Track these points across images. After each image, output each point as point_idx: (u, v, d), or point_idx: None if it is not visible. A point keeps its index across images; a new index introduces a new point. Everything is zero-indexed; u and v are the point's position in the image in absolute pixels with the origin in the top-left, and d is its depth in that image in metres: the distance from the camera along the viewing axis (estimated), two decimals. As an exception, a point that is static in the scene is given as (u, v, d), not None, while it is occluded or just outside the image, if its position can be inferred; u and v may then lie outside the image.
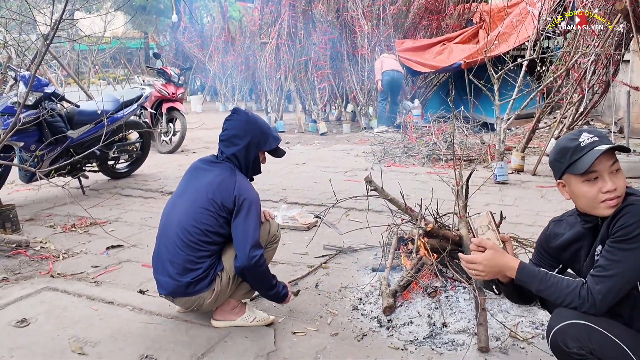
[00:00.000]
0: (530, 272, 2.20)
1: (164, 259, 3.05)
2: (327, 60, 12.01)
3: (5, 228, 4.98)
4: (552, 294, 2.14)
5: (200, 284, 2.97)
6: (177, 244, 2.99)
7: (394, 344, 2.97)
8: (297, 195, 6.28)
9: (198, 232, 2.96)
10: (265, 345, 3.00)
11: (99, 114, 6.21)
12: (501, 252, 2.25)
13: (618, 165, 2.11)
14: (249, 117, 3.18)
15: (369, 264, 4.10)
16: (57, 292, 3.73)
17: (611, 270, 2.04)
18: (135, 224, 5.40)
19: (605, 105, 8.96)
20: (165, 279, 3.03)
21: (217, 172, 3.10)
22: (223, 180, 3.04)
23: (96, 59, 16.13)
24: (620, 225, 2.04)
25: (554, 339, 2.11)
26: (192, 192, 3.09)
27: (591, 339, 2.03)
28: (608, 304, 2.05)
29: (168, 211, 3.18)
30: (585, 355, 2.04)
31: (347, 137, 10.92)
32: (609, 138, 2.15)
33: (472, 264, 2.26)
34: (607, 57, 6.88)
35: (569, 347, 2.06)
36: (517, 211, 5.37)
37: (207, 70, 17.25)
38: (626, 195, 2.12)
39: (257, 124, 3.18)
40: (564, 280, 2.14)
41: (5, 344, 3.02)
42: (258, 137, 3.15)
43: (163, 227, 3.16)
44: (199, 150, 9.81)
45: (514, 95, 7.27)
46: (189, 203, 3.05)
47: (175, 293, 3.01)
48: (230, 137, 3.15)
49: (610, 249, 2.06)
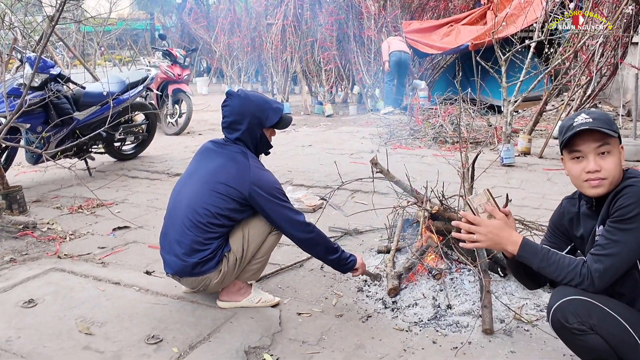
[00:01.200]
0: (532, 248, 2.21)
1: (172, 239, 3.05)
2: (333, 41, 11.94)
3: (12, 209, 5.00)
4: (553, 272, 2.16)
5: (207, 264, 2.98)
6: (185, 224, 2.98)
7: (398, 326, 2.99)
8: (303, 177, 6.29)
9: (208, 214, 2.94)
10: (271, 325, 3.02)
11: (105, 96, 6.20)
12: (509, 226, 2.25)
13: (608, 149, 2.12)
14: (242, 100, 3.09)
15: (374, 246, 4.11)
16: (64, 272, 3.76)
17: (609, 250, 2.06)
18: (141, 205, 5.42)
19: (613, 88, 8.88)
20: (172, 258, 3.03)
21: (229, 154, 3.07)
22: (236, 164, 3.01)
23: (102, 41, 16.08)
24: (619, 205, 2.06)
25: (554, 316, 2.12)
26: (203, 173, 3.06)
27: (591, 314, 2.05)
28: (606, 282, 2.08)
29: (177, 191, 3.17)
30: (586, 331, 2.06)
31: (353, 119, 10.89)
32: (611, 122, 2.15)
33: (474, 226, 2.22)
34: (616, 39, 6.81)
35: (569, 322, 2.07)
36: (523, 194, 5.36)
37: (213, 52, 17.18)
38: (627, 177, 2.13)
39: (252, 104, 3.09)
40: (565, 258, 2.16)
41: (12, 324, 3.05)
42: (257, 116, 3.08)
43: (172, 207, 3.15)
44: (205, 132, 9.82)
45: (522, 78, 7.21)
46: (199, 184, 3.03)
47: (182, 273, 3.03)
48: (229, 123, 3.11)
49: (609, 229, 2.09)
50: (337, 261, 3.12)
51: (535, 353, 2.70)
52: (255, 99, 3.14)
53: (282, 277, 3.65)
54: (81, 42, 16.30)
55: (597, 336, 2.06)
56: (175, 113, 9.54)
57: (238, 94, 3.13)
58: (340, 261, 3.12)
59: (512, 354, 2.69)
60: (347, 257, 3.15)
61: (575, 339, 2.10)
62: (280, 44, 12.27)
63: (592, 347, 2.08)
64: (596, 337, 2.06)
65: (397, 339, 2.86)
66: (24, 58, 5.81)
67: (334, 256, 3.10)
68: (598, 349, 2.07)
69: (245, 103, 3.08)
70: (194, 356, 2.71)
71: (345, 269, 3.18)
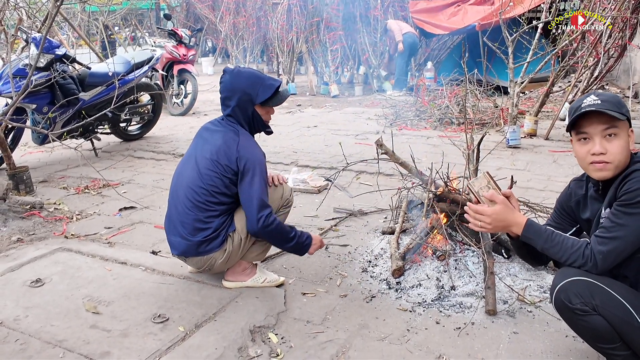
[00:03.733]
0: (536, 229, 2.23)
1: (175, 220, 3.09)
2: (339, 21, 11.85)
3: (19, 190, 5.04)
4: (557, 253, 2.18)
5: (212, 243, 3.01)
6: (185, 204, 3.02)
7: (402, 306, 3.01)
8: (308, 158, 6.29)
9: (205, 192, 2.98)
10: (276, 305, 3.04)
11: (111, 76, 6.21)
12: (511, 208, 2.28)
13: (615, 132, 2.11)
14: (233, 75, 3.08)
15: (379, 227, 4.12)
16: (71, 252, 3.79)
17: (614, 233, 2.07)
18: (147, 185, 5.44)
19: (620, 69, 8.81)
20: (177, 239, 3.07)
21: (221, 133, 3.08)
22: (226, 141, 3.02)
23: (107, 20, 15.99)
24: (626, 189, 2.06)
25: (557, 297, 2.14)
26: (199, 153, 3.09)
27: (594, 295, 2.07)
28: (609, 264, 2.09)
29: (178, 173, 3.21)
30: (589, 311, 2.08)
31: (359, 100, 10.85)
32: (621, 104, 2.14)
33: (479, 215, 2.28)
34: (624, 20, 6.74)
35: (572, 303, 2.09)
36: (529, 176, 5.35)
37: (219, 32, 17.07)
38: (635, 160, 2.13)
39: (242, 80, 3.07)
40: (569, 240, 2.18)
41: (20, 303, 3.09)
42: (246, 92, 3.05)
43: (173, 188, 3.19)
44: (211, 112, 9.81)
45: (529, 59, 7.14)
46: (195, 165, 3.07)
47: (187, 253, 3.06)
48: (222, 99, 3.13)
49: (615, 212, 2.09)
50: (294, 247, 3.13)
51: (537, 334, 2.71)
52: (247, 75, 3.11)
53: (287, 258, 3.67)
54: (86, 22, 16.23)
55: (599, 317, 2.08)
56: (180, 93, 9.53)
57: (231, 70, 3.13)
58: (298, 245, 3.13)
59: (515, 335, 2.71)
60: (304, 240, 3.14)
61: (577, 319, 2.12)
62: (286, 24, 12.18)
63: (594, 327, 2.10)
64: (599, 317, 2.08)
65: (401, 319, 2.89)
66: (30, 38, 5.80)
67: (291, 244, 3.10)
68: (600, 329, 2.09)
69: (236, 79, 3.07)
70: (200, 335, 2.74)
71: (303, 252, 3.20)
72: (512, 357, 2.55)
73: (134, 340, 2.70)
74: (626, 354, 2.14)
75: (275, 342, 2.71)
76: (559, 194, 2.55)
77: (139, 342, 2.69)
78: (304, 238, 3.14)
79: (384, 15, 11.64)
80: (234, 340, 2.70)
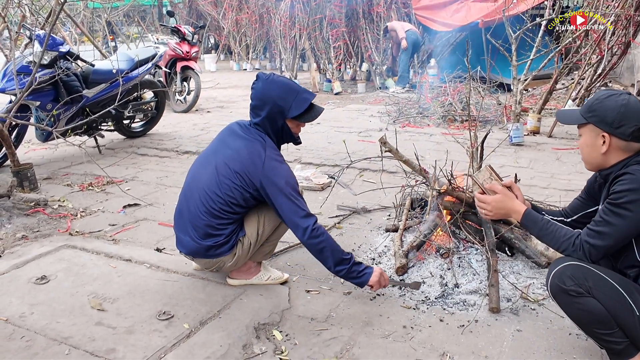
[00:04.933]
0: (533, 218, 2.40)
1: (186, 220, 3.04)
2: (342, 18, 11.84)
3: (23, 187, 5.05)
4: (550, 240, 2.35)
5: (222, 248, 2.99)
6: (199, 208, 2.96)
7: (406, 304, 3.02)
8: (311, 156, 6.29)
9: (221, 201, 2.91)
10: (280, 302, 3.06)
11: (114, 73, 6.22)
12: (510, 197, 2.49)
13: (581, 132, 2.36)
14: (265, 84, 2.90)
15: (382, 225, 4.13)
16: (76, 249, 3.81)
17: (601, 227, 2.20)
18: (151, 182, 5.45)
19: (624, 67, 8.81)
20: (186, 238, 3.04)
21: (247, 141, 2.94)
22: (251, 156, 2.88)
23: (110, 17, 15.98)
24: (613, 189, 2.20)
25: (552, 282, 2.26)
26: (220, 158, 2.97)
27: (587, 277, 2.19)
28: (596, 256, 2.22)
29: (194, 173, 3.11)
30: (583, 293, 2.19)
31: (362, 97, 10.85)
32: (588, 108, 2.31)
33: (482, 203, 2.52)
34: (627, 18, 6.72)
35: (567, 285, 2.20)
36: (532, 173, 5.35)
37: (221, 28, 17.09)
38: (631, 163, 2.22)
39: (275, 90, 2.89)
40: (562, 229, 2.32)
41: (26, 300, 3.10)
42: (278, 105, 2.88)
43: (188, 186, 3.09)
44: (214, 109, 9.82)
45: (532, 56, 7.15)
46: (216, 170, 2.96)
47: (196, 254, 3.05)
48: (253, 107, 2.97)
49: (604, 208, 2.22)
50: (346, 273, 2.88)
51: (541, 332, 2.72)
52: (281, 85, 2.92)
53: (291, 255, 3.69)
54: (89, 18, 16.24)
55: (593, 299, 2.18)
56: (183, 90, 9.54)
57: (264, 78, 2.94)
58: (350, 274, 2.88)
59: (519, 333, 2.72)
60: (360, 270, 2.90)
61: (572, 301, 2.21)
62: (289, 21, 12.20)
63: (590, 310, 2.19)
64: (593, 300, 2.18)
65: (405, 317, 2.90)
66: (33, 35, 5.81)
67: (342, 267, 2.86)
68: (595, 312, 2.18)
69: (268, 88, 2.90)
70: (205, 332, 2.76)
71: (356, 282, 2.92)
72: (516, 354, 2.55)
73: (139, 337, 2.71)
74: (625, 342, 2.21)
75: (279, 340, 2.73)
76: (562, 191, 2.63)
77: (144, 339, 2.70)
78: (361, 267, 2.91)
79: (387, 12, 11.62)
80: (238, 337, 2.71)
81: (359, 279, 2.90)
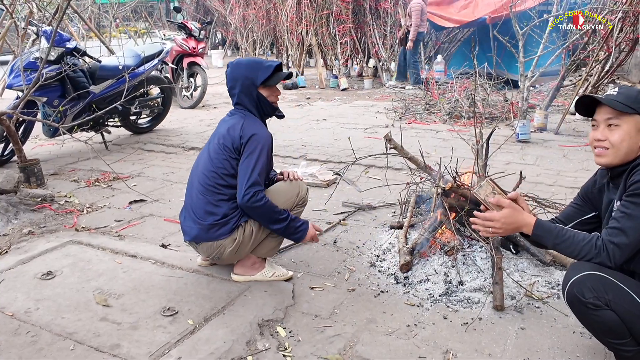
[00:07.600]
0: (546, 228, 2.24)
1: (188, 207, 3.17)
2: (349, 14, 11.82)
3: (30, 182, 5.08)
4: (568, 247, 2.19)
5: (222, 229, 3.05)
6: (198, 190, 3.11)
7: (410, 301, 3.02)
8: (317, 152, 6.29)
9: (214, 175, 3.06)
10: (284, 299, 3.06)
11: (121, 69, 6.24)
12: (518, 210, 2.30)
13: (617, 122, 2.18)
14: (233, 67, 3.19)
15: (387, 222, 4.13)
16: (82, 245, 3.82)
17: (623, 223, 2.08)
18: (157, 178, 5.47)
19: (632, 63, 8.76)
20: (189, 224, 3.14)
21: (232, 120, 3.17)
22: (232, 125, 3.11)
23: (117, 13, 16.03)
24: (632, 180, 2.11)
25: (570, 290, 2.15)
26: (211, 142, 3.20)
27: (607, 290, 2.08)
28: (622, 255, 2.10)
29: (194, 165, 3.30)
30: (601, 306, 2.09)
31: (368, 93, 10.83)
32: (633, 98, 2.17)
33: (489, 222, 2.30)
34: (635, 14, 6.68)
35: (586, 297, 2.10)
36: (538, 170, 5.33)
37: (228, 24, 17.09)
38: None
39: (242, 67, 3.17)
40: (579, 234, 2.18)
41: (31, 295, 3.12)
42: (247, 77, 3.13)
43: (190, 178, 3.28)
44: (220, 105, 9.83)
45: (539, 52, 7.12)
46: (208, 152, 3.17)
47: (198, 238, 3.10)
48: (229, 90, 3.23)
49: (624, 203, 2.12)
50: (283, 230, 3.11)
51: (545, 330, 2.72)
52: (246, 61, 3.22)
53: (296, 252, 3.69)
54: (97, 14, 16.28)
55: (611, 312, 2.09)
56: (190, 86, 9.56)
57: (232, 63, 3.24)
58: (287, 230, 3.12)
59: (522, 331, 2.71)
60: (297, 226, 3.14)
61: (589, 313, 2.13)
62: (296, 17, 12.17)
63: (606, 322, 2.11)
64: (611, 313, 2.09)
65: (408, 314, 2.90)
66: (40, 31, 5.83)
67: (279, 226, 3.09)
68: (611, 324, 2.10)
69: (236, 68, 3.18)
70: (209, 328, 2.76)
71: (293, 238, 3.21)
72: (520, 352, 2.55)
73: (143, 333, 2.72)
74: (635, 349, 2.15)
75: (283, 336, 2.73)
76: (568, 189, 2.57)
77: (149, 334, 2.71)
78: (298, 223, 3.15)
79: (393, 7, 11.59)
80: (242, 333, 2.72)
81: (295, 235, 3.17)
